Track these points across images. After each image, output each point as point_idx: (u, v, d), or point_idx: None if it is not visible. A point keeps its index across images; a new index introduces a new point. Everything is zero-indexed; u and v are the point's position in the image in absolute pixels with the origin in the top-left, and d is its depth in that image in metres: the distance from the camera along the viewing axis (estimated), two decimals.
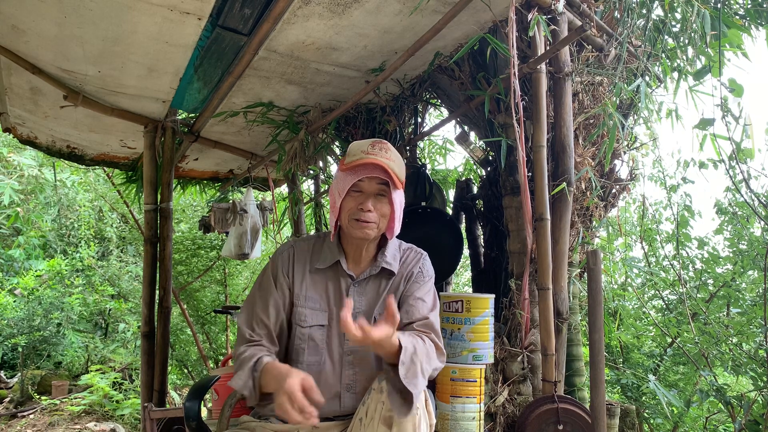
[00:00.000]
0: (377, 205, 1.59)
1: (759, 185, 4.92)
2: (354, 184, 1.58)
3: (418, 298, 1.64)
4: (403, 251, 1.73)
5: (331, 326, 1.64)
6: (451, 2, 2.02)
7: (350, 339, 1.30)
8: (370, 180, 1.58)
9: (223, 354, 6.21)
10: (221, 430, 1.83)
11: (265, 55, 2.41)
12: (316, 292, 1.66)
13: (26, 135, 3.65)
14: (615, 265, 4.37)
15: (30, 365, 6.38)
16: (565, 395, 2.01)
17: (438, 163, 3.84)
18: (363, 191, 1.59)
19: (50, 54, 2.49)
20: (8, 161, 6.55)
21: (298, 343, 1.63)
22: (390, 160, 1.57)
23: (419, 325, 1.59)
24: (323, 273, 1.68)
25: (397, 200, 1.62)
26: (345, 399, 1.61)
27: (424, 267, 1.72)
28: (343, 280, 1.67)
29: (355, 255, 1.68)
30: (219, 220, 3.93)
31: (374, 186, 1.59)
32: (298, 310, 1.64)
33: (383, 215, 1.60)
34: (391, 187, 1.59)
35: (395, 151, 1.63)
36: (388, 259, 1.67)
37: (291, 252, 1.70)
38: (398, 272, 1.68)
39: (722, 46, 2.34)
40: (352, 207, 1.58)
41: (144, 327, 3.39)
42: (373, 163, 1.54)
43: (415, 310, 1.62)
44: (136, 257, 7.22)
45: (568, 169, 2.11)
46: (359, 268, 1.68)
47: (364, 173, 1.56)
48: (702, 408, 3.50)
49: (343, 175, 1.60)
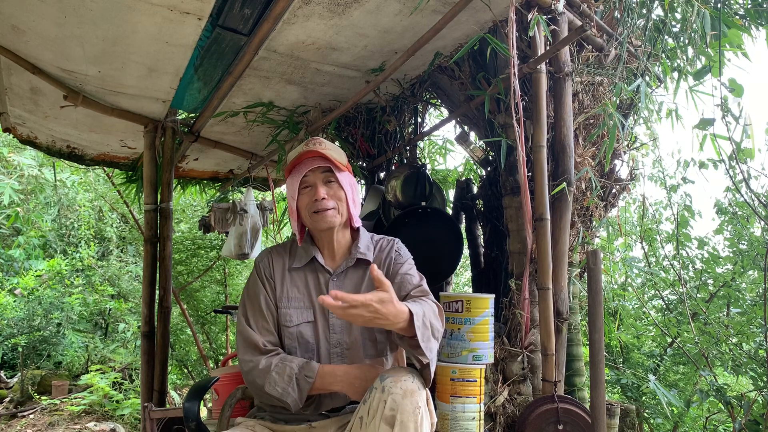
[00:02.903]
0: (329, 192, 1.65)
1: (759, 185, 4.92)
2: (301, 181, 1.66)
3: (404, 274, 1.68)
4: (375, 242, 1.78)
5: (317, 322, 1.67)
6: (451, 2, 2.02)
7: (333, 311, 1.30)
8: (314, 171, 1.66)
9: (223, 354, 6.21)
10: (221, 430, 1.83)
11: (265, 55, 2.41)
12: (297, 290, 1.70)
13: (26, 135, 3.65)
14: (615, 265, 4.37)
15: (30, 365, 6.38)
16: (565, 395, 2.01)
17: (438, 163, 3.84)
18: (311, 184, 1.66)
19: (50, 54, 2.49)
20: (8, 161, 6.55)
21: (288, 343, 1.65)
22: (326, 149, 1.66)
23: (416, 292, 1.63)
24: (301, 271, 1.72)
25: (346, 182, 1.69)
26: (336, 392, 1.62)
27: (401, 250, 1.77)
28: (321, 276, 1.71)
29: (329, 250, 1.73)
30: (219, 220, 3.93)
31: (320, 175, 1.66)
32: (282, 311, 1.67)
33: (339, 199, 1.66)
34: (336, 171, 1.66)
35: (329, 142, 1.73)
36: (362, 249, 1.72)
37: (269, 257, 1.75)
38: (375, 260, 1.72)
39: (722, 46, 2.34)
40: (308, 202, 1.66)
41: (144, 327, 3.38)
42: (309, 155, 1.65)
43: (406, 282, 1.66)
44: (136, 257, 7.22)
45: (568, 169, 2.11)
46: (335, 263, 1.73)
47: (306, 167, 1.65)
48: (702, 408, 3.50)
49: (290, 180, 1.69)
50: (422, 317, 1.43)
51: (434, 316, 1.51)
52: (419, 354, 1.44)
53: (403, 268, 1.71)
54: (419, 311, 1.43)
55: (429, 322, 1.45)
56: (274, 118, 3.18)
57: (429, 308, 1.51)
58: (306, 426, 1.60)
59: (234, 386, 2.12)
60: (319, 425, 1.60)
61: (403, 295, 1.63)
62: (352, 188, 1.72)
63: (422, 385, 1.42)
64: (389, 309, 1.32)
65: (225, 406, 1.93)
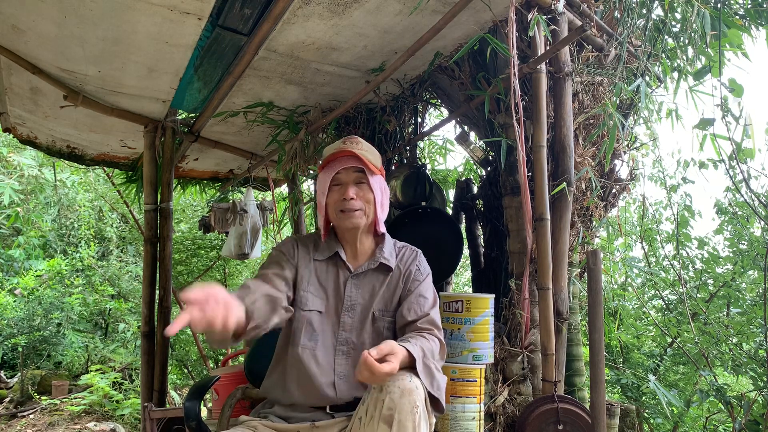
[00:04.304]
0: (359, 193, 1.66)
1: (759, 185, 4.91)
2: (333, 179, 1.67)
3: (419, 295, 1.69)
4: (398, 249, 1.78)
5: (327, 314, 1.68)
6: (451, 2, 2.02)
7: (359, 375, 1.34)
8: (346, 171, 1.66)
9: (223, 354, 6.21)
10: (221, 430, 1.83)
11: (265, 55, 2.41)
12: (318, 280, 1.71)
13: (26, 135, 3.65)
14: (615, 265, 4.37)
15: (30, 365, 6.38)
16: (565, 395, 2.01)
17: (438, 163, 3.84)
18: (342, 183, 1.67)
19: (50, 54, 2.49)
20: (8, 161, 6.55)
21: (296, 325, 1.66)
22: (362, 149, 1.67)
23: (422, 322, 1.63)
24: (324, 263, 1.73)
25: (377, 185, 1.69)
26: (340, 387, 1.62)
27: (421, 265, 1.77)
28: (341, 272, 1.71)
29: (352, 249, 1.73)
30: (219, 220, 3.93)
31: (352, 175, 1.67)
32: (301, 293, 1.68)
33: (367, 201, 1.67)
34: (368, 173, 1.67)
35: (366, 142, 1.73)
36: (386, 255, 1.72)
37: (295, 242, 1.77)
38: (395, 269, 1.73)
39: (722, 46, 2.35)
40: (336, 199, 1.66)
41: (144, 327, 3.39)
42: (346, 155, 1.65)
43: (417, 307, 1.66)
44: (136, 257, 7.22)
45: (568, 169, 2.11)
46: (357, 262, 1.73)
47: (340, 165, 1.66)
48: (702, 408, 3.50)
49: (322, 175, 1.70)
50: (422, 358, 1.45)
51: (432, 352, 1.52)
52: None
53: (421, 287, 1.70)
54: (419, 352, 1.45)
55: (431, 362, 1.49)
56: (274, 118, 3.18)
57: (429, 344, 1.53)
58: (309, 425, 1.60)
59: (234, 386, 2.12)
60: (322, 425, 1.60)
61: (410, 320, 1.63)
62: (382, 192, 1.72)
63: (420, 384, 1.42)
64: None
65: (225, 406, 1.93)
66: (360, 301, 1.69)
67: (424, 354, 1.47)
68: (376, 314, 1.67)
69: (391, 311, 1.69)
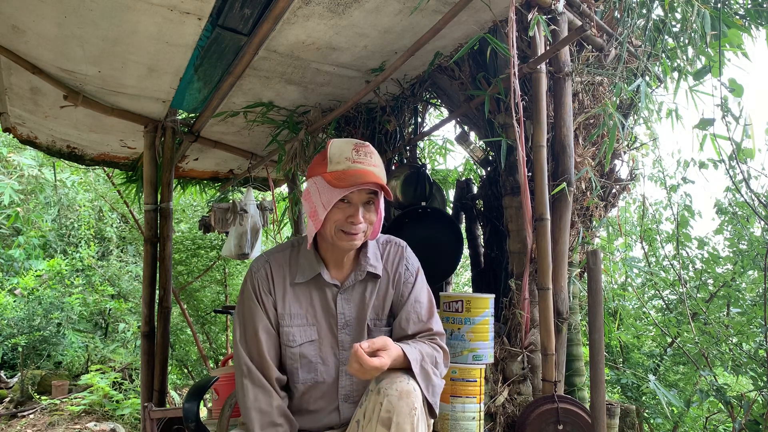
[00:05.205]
0: (366, 215, 1.52)
1: (759, 185, 4.91)
2: (343, 197, 1.49)
3: (414, 301, 1.61)
4: (381, 246, 1.67)
5: (322, 340, 1.58)
6: (451, 2, 2.02)
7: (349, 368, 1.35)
8: (359, 191, 1.49)
9: (223, 354, 6.21)
10: (221, 431, 1.83)
11: (265, 55, 2.41)
12: (300, 307, 1.59)
13: (26, 135, 3.65)
14: (615, 265, 4.37)
15: (30, 365, 6.37)
16: (565, 395, 2.01)
17: (438, 163, 3.84)
18: (352, 202, 1.50)
19: (50, 54, 2.49)
20: (8, 161, 6.55)
21: (290, 363, 1.57)
22: (376, 166, 1.51)
23: (422, 337, 1.59)
24: (305, 285, 1.60)
25: (381, 204, 1.58)
26: (344, 409, 1.60)
27: (409, 262, 1.66)
28: (328, 290, 1.60)
29: (336, 261, 1.60)
30: (219, 220, 3.93)
31: (364, 196, 1.51)
32: (285, 330, 1.57)
33: (370, 222, 1.54)
34: (379, 195, 1.54)
35: (376, 152, 1.57)
36: (371, 261, 1.61)
37: (267, 269, 1.60)
38: (383, 272, 1.63)
39: (722, 46, 2.34)
40: (340, 219, 1.50)
41: (144, 327, 3.39)
42: (363, 174, 1.46)
43: (415, 315, 1.60)
44: (136, 257, 7.22)
45: (568, 169, 2.11)
46: (342, 274, 1.62)
47: (354, 185, 1.45)
48: (702, 408, 3.50)
49: (327, 185, 1.47)
50: (420, 361, 1.44)
51: (431, 357, 1.50)
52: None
53: (414, 291, 1.62)
54: (416, 355, 1.44)
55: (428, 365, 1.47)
56: (274, 118, 3.18)
57: (428, 349, 1.51)
58: None
59: (234, 386, 2.12)
60: None
61: (410, 333, 1.58)
62: (382, 210, 1.61)
63: (418, 386, 1.42)
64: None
65: (225, 406, 1.93)
66: (354, 315, 1.60)
67: (422, 357, 1.46)
68: (371, 325, 1.60)
69: (383, 319, 1.62)
